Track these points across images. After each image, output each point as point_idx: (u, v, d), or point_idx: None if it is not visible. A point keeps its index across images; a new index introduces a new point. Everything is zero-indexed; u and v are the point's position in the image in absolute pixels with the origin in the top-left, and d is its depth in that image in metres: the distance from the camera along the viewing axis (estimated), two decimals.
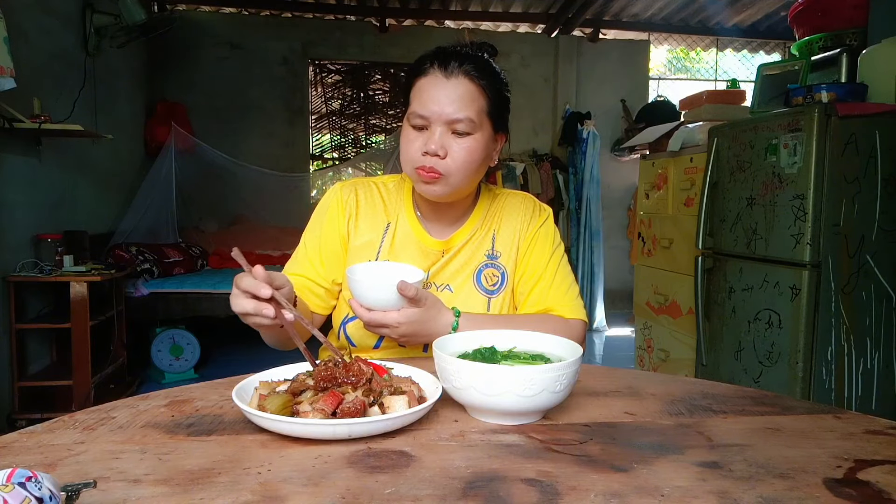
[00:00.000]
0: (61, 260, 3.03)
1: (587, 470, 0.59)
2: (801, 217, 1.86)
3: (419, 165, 0.99)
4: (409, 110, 1.02)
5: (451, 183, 1.01)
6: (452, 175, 1.00)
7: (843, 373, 1.87)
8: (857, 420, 0.75)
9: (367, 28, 5.67)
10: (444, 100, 0.98)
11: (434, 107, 0.98)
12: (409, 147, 1.01)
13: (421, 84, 1.01)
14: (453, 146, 0.99)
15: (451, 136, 0.99)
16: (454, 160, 0.99)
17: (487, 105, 1.02)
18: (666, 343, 2.84)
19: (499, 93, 1.04)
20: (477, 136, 1.00)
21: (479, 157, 1.02)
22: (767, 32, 5.94)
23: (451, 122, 0.98)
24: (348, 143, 5.96)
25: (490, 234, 1.14)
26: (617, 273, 6.01)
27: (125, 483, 0.55)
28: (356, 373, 0.73)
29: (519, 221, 1.15)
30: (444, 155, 0.99)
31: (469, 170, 1.01)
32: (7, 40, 2.53)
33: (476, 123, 0.99)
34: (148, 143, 4.91)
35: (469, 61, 1.00)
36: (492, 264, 1.12)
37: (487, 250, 1.13)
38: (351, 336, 1.08)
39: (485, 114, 1.01)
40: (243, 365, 3.16)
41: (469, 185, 1.05)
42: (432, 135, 0.98)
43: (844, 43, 2.30)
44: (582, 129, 5.43)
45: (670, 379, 0.95)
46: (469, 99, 0.99)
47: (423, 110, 0.99)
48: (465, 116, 0.98)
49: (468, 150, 0.99)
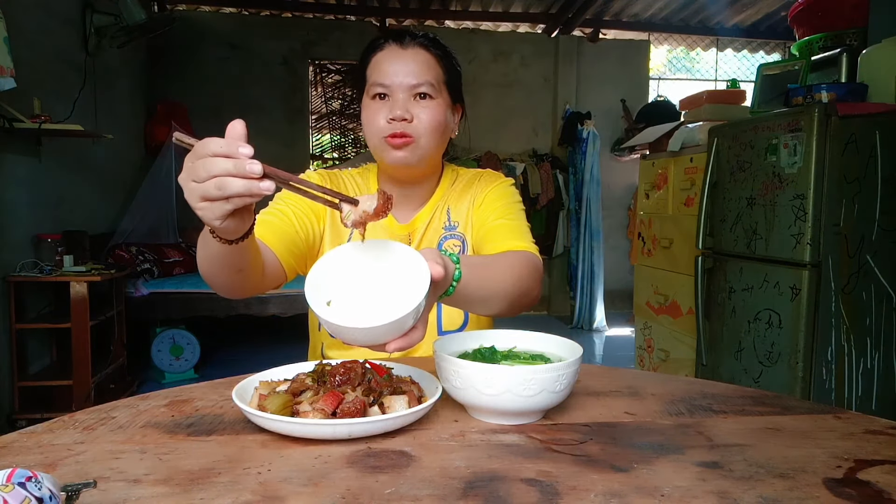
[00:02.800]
0: (61, 260, 3.03)
1: (587, 470, 0.59)
2: (801, 217, 1.86)
3: (388, 133, 1.00)
4: (367, 84, 1.05)
5: (421, 146, 1.03)
6: (422, 137, 1.02)
7: (843, 373, 1.87)
8: (857, 420, 0.75)
9: (367, 28, 5.67)
10: (404, 68, 1.01)
11: (395, 76, 1.01)
12: (374, 118, 1.02)
13: (378, 57, 1.04)
14: (417, 110, 1.02)
15: (414, 101, 1.02)
16: (421, 122, 1.01)
17: (444, 74, 1.06)
18: (666, 343, 2.84)
19: (452, 65, 1.09)
20: (438, 100, 1.04)
21: (443, 120, 1.05)
22: (767, 32, 5.95)
23: (413, 87, 1.02)
24: (348, 143, 5.96)
25: (445, 209, 1.15)
26: (617, 273, 6.01)
27: (125, 483, 0.55)
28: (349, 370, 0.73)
29: (473, 189, 1.16)
30: (410, 119, 1.01)
31: (436, 132, 1.04)
32: (7, 40, 2.53)
33: (436, 88, 1.03)
34: (148, 143, 4.91)
35: (421, 36, 1.06)
36: (450, 235, 1.13)
37: (444, 223, 1.14)
38: None
39: (442, 82, 1.06)
40: (243, 365, 3.17)
41: (436, 151, 1.07)
42: (395, 102, 1.01)
43: (844, 43, 2.29)
44: (582, 129, 5.43)
45: (670, 379, 0.94)
46: (426, 66, 1.03)
47: (384, 79, 1.01)
48: (426, 80, 1.02)
49: (433, 112, 1.02)
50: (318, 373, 0.75)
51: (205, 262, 0.81)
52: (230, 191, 0.60)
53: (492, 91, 5.84)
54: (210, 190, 0.61)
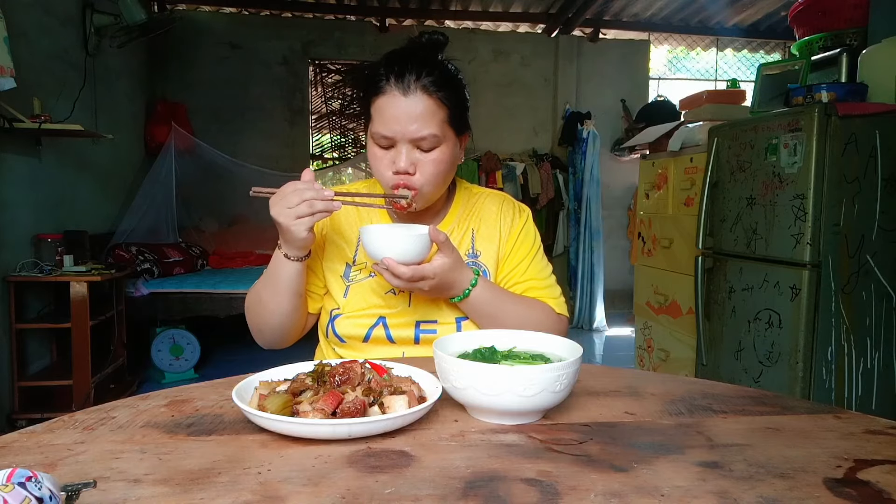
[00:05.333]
0: (61, 260, 3.03)
1: (587, 470, 0.59)
2: (801, 217, 1.86)
3: (393, 185, 1.02)
4: (371, 129, 1.02)
5: (424, 196, 1.04)
6: (425, 187, 1.02)
7: (843, 373, 1.87)
8: (857, 420, 0.75)
9: (367, 28, 5.67)
10: (405, 119, 0.98)
11: (396, 126, 0.98)
12: (378, 165, 1.03)
13: (380, 103, 1.00)
14: (421, 161, 1.01)
15: (417, 151, 1.01)
16: (424, 175, 1.01)
17: (448, 115, 1.02)
18: (666, 343, 2.84)
19: (458, 98, 1.04)
20: (442, 147, 1.02)
21: (448, 167, 1.04)
22: (767, 32, 5.94)
23: (416, 140, 0.99)
24: (348, 143, 5.96)
25: (469, 233, 1.15)
26: (617, 273, 6.01)
27: (125, 483, 0.55)
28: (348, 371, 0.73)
29: (500, 221, 1.17)
30: (413, 172, 1.01)
31: (439, 180, 1.04)
32: (7, 40, 2.53)
33: (440, 136, 1.00)
34: (148, 143, 4.91)
35: (425, 73, 0.99)
36: (472, 263, 1.13)
37: (467, 249, 1.14)
38: (340, 333, 1.09)
39: (446, 124, 1.02)
40: (243, 365, 3.17)
41: (441, 190, 1.09)
42: (399, 153, 1.00)
43: (844, 43, 2.29)
44: (582, 129, 5.43)
45: (670, 379, 0.95)
46: (429, 114, 0.99)
47: (386, 131, 0.99)
48: (429, 133, 0.99)
49: (436, 163, 1.01)
50: (317, 373, 0.75)
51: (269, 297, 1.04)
52: (317, 208, 0.91)
53: (492, 91, 5.84)
54: (302, 209, 0.90)
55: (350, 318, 1.08)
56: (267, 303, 1.04)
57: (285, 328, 1.07)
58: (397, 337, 1.07)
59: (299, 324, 1.10)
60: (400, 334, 1.07)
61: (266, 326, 1.07)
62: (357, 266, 1.12)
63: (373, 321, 1.08)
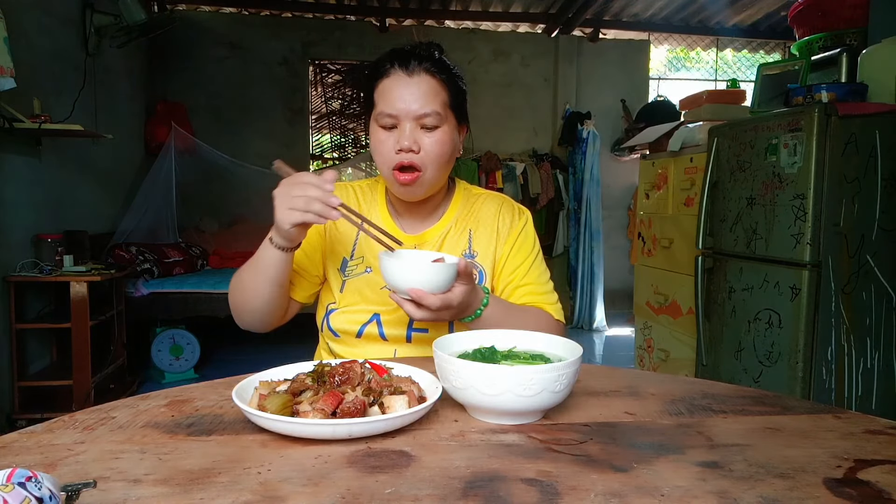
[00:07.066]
0: (61, 260, 3.03)
1: (587, 470, 0.59)
2: (801, 217, 1.86)
3: (396, 164, 1.03)
4: (375, 111, 1.06)
5: (427, 177, 1.05)
6: (428, 167, 1.04)
7: (843, 373, 1.87)
8: (857, 420, 0.75)
9: (367, 28, 5.67)
10: (410, 97, 1.02)
11: (401, 104, 1.02)
12: (381, 147, 1.05)
13: (384, 85, 1.04)
14: (424, 140, 1.03)
15: (421, 131, 1.03)
16: (427, 154, 1.03)
17: (449, 98, 1.06)
18: (666, 343, 2.84)
19: (457, 86, 1.09)
20: (444, 127, 1.04)
21: (450, 149, 1.06)
22: (767, 32, 5.94)
23: (420, 118, 1.02)
24: (348, 143, 5.96)
25: (466, 233, 1.16)
26: (617, 273, 6.01)
27: (125, 483, 0.55)
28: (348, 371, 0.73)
29: (498, 222, 1.17)
30: (417, 150, 1.02)
31: (441, 161, 1.05)
32: (7, 40, 2.53)
33: (442, 116, 1.04)
34: (148, 143, 4.91)
35: (427, 59, 1.05)
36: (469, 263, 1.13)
37: (464, 249, 1.15)
38: (334, 327, 1.10)
39: (448, 106, 1.06)
40: (243, 365, 3.17)
41: (442, 177, 1.09)
42: (402, 132, 1.02)
43: (844, 43, 2.29)
44: (582, 129, 5.42)
45: (670, 379, 0.95)
46: (433, 94, 1.03)
47: (390, 109, 1.02)
48: (432, 110, 1.02)
49: (439, 143, 1.04)
50: (317, 373, 0.75)
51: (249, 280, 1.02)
52: (312, 208, 0.87)
53: (492, 91, 5.84)
54: (299, 203, 0.87)
55: (345, 314, 1.09)
56: (246, 285, 1.03)
57: (262, 313, 1.06)
58: (390, 335, 1.08)
59: (277, 312, 1.08)
60: (392, 332, 1.08)
61: (243, 309, 1.06)
62: (354, 261, 1.13)
63: (367, 317, 1.09)
